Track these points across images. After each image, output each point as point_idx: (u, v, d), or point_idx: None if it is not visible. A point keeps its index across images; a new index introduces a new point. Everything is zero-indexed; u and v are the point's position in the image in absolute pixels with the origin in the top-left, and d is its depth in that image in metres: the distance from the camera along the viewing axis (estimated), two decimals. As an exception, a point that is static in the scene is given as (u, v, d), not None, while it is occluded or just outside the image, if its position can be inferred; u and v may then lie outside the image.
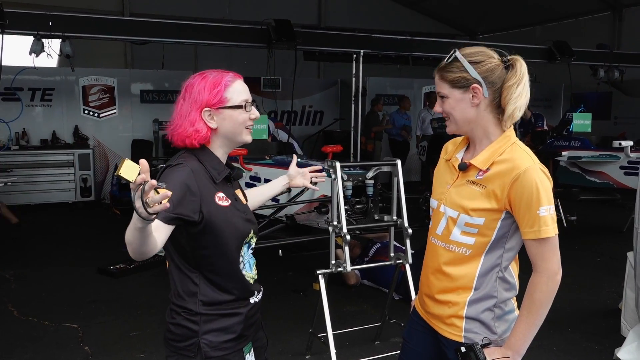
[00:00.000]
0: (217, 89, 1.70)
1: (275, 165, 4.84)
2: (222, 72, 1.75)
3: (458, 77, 1.68)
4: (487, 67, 1.67)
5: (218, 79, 1.72)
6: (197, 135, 1.69)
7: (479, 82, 1.66)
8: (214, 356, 1.71)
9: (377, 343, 3.92)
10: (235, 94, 1.72)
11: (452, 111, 1.71)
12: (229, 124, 1.72)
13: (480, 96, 1.67)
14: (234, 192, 1.82)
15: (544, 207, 1.60)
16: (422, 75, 11.28)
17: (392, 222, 3.54)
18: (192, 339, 1.70)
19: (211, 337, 1.71)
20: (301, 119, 11.26)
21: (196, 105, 1.70)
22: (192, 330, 1.70)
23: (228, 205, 1.72)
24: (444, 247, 1.77)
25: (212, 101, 1.69)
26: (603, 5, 10.96)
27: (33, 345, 3.87)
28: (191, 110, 1.70)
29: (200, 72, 1.75)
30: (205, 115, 1.70)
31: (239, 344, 1.76)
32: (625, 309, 4.01)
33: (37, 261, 5.85)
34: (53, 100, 9.11)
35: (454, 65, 1.69)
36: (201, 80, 1.72)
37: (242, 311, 1.76)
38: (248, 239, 1.79)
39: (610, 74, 8.73)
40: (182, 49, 9.47)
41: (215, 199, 1.69)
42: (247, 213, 1.84)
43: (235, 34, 6.53)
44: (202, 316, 1.70)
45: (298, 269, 5.27)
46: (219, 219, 1.68)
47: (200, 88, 1.70)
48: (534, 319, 1.64)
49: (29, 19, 5.57)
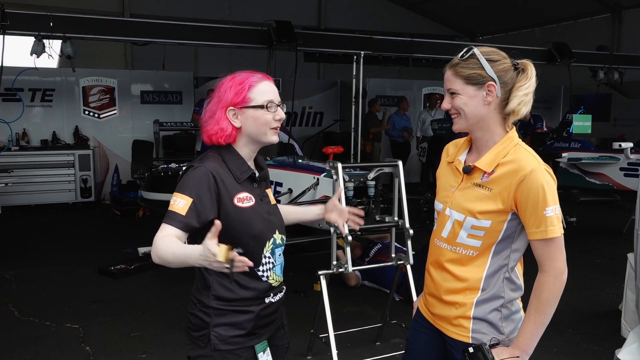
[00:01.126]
0: (242, 89, 1.74)
1: (276, 166, 4.83)
2: (251, 73, 1.79)
3: (474, 74, 1.67)
4: (502, 67, 1.68)
5: (244, 79, 1.76)
6: (222, 134, 1.74)
7: (495, 80, 1.66)
8: (223, 349, 1.75)
9: (378, 344, 3.92)
10: (259, 94, 1.75)
11: (464, 107, 1.69)
12: (252, 123, 1.76)
13: (494, 95, 1.67)
14: (262, 191, 1.85)
15: (550, 207, 1.61)
16: (422, 76, 11.32)
17: (393, 223, 3.54)
18: (204, 330, 1.76)
19: (221, 330, 1.75)
20: (301, 120, 11.27)
21: (222, 104, 1.75)
22: (205, 321, 1.76)
23: (250, 206, 1.75)
24: (449, 249, 1.77)
25: (236, 100, 1.74)
26: (602, 7, 10.98)
27: (34, 345, 3.87)
28: (217, 109, 1.76)
29: (232, 74, 1.80)
30: (229, 114, 1.75)
31: (249, 340, 1.80)
32: (625, 310, 4.02)
33: (37, 262, 5.84)
34: (53, 101, 9.11)
35: (469, 61, 1.68)
36: (230, 80, 1.77)
37: (254, 309, 1.79)
38: (272, 240, 1.82)
39: (610, 75, 8.75)
40: (182, 50, 9.47)
41: (234, 200, 1.73)
42: (272, 214, 1.86)
43: (236, 35, 6.54)
44: (215, 310, 1.76)
45: (299, 270, 5.27)
46: (235, 220, 1.72)
47: (226, 87, 1.76)
48: (542, 318, 1.65)
49: (30, 20, 5.58)
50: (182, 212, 1.65)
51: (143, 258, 5.80)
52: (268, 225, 1.81)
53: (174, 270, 1.83)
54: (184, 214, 1.65)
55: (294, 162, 4.77)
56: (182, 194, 1.67)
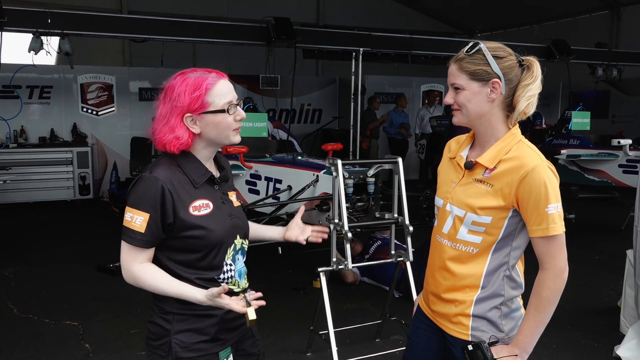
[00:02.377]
0: (198, 93, 1.60)
1: (275, 163, 4.84)
2: (203, 71, 1.65)
3: (479, 70, 1.65)
4: (508, 64, 1.66)
5: (199, 82, 1.61)
6: (177, 142, 1.62)
7: (500, 77, 1.65)
8: (185, 357, 1.65)
9: (377, 340, 3.93)
10: (218, 97, 1.62)
11: (467, 103, 1.68)
12: (212, 129, 1.64)
13: (498, 92, 1.66)
14: (222, 193, 1.74)
15: (552, 204, 1.60)
16: (420, 73, 11.31)
17: (393, 219, 3.54)
18: (165, 338, 1.66)
19: (183, 337, 1.65)
20: (300, 117, 11.24)
21: (177, 111, 1.61)
22: (165, 329, 1.66)
23: (206, 214, 1.65)
24: (450, 246, 1.77)
25: (194, 106, 1.60)
26: (601, 4, 10.97)
27: (33, 343, 3.87)
28: (172, 116, 1.62)
29: (181, 72, 1.66)
30: (187, 121, 1.62)
31: (213, 346, 1.70)
32: (624, 306, 4.02)
33: (36, 259, 5.84)
34: (51, 98, 9.08)
35: (475, 57, 1.66)
36: (182, 82, 1.62)
37: (217, 313, 1.67)
38: (232, 246, 1.72)
39: (609, 72, 8.75)
40: (180, 47, 9.45)
41: (190, 209, 1.62)
42: (235, 216, 1.75)
43: (235, 32, 6.53)
44: (175, 315, 1.66)
45: (298, 267, 5.27)
46: (192, 229, 1.62)
47: (180, 91, 1.61)
48: (542, 316, 1.64)
49: (28, 17, 5.56)
50: (141, 230, 1.58)
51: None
52: (229, 230, 1.70)
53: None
54: (143, 232, 1.59)
55: (293, 159, 4.77)
56: (137, 209, 1.59)
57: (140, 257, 1.62)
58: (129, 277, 1.64)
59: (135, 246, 1.61)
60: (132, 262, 1.62)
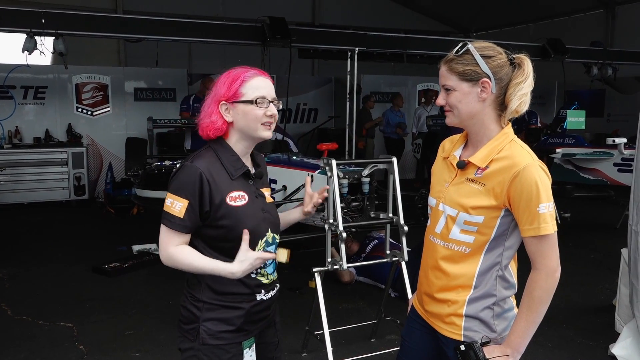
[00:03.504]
0: (235, 84, 1.76)
1: (271, 163, 4.82)
2: (248, 68, 1.81)
3: (468, 70, 1.66)
4: (497, 63, 1.66)
5: (238, 74, 1.78)
6: (213, 127, 1.77)
7: (489, 76, 1.65)
8: (211, 344, 1.77)
9: (373, 340, 3.92)
10: (251, 89, 1.76)
11: (458, 104, 1.69)
12: (242, 118, 1.77)
13: (488, 91, 1.66)
14: (256, 188, 1.86)
15: (543, 204, 1.60)
16: (416, 72, 11.30)
17: (388, 219, 3.54)
18: (194, 324, 1.78)
19: (210, 325, 1.77)
20: (295, 117, 11.24)
21: (215, 99, 1.78)
22: (195, 315, 1.78)
23: (242, 205, 1.77)
24: (443, 246, 1.77)
25: (228, 95, 1.76)
26: (596, 3, 11.00)
27: (27, 344, 3.85)
28: (211, 103, 1.79)
29: (232, 68, 1.82)
30: (222, 108, 1.77)
31: (237, 336, 1.81)
32: (619, 305, 4.03)
33: (30, 260, 5.81)
34: (46, 99, 9.05)
35: (464, 57, 1.67)
36: (226, 75, 1.80)
37: (245, 306, 1.80)
38: (264, 239, 1.84)
39: (604, 71, 8.77)
40: (175, 47, 9.43)
41: (227, 198, 1.74)
42: (267, 211, 1.87)
43: (230, 31, 6.51)
44: (205, 304, 1.78)
45: (293, 267, 5.25)
46: (227, 219, 1.74)
47: (221, 82, 1.79)
48: (534, 316, 1.64)
49: (21, 17, 5.54)
50: (180, 215, 1.70)
51: (137, 256, 5.78)
52: (261, 223, 1.82)
53: (168, 269, 1.84)
54: (182, 217, 1.70)
55: (288, 159, 4.76)
56: (177, 196, 1.71)
57: (177, 240, 1.74)
58: (166, 257, 1.75)
59: (174, 230, 1.72)
60: (169, 244, 1.74)
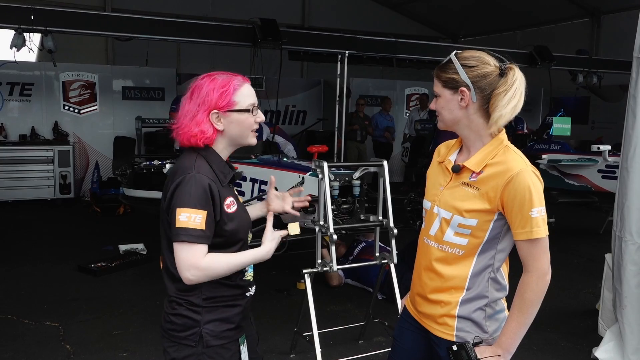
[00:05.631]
0: (226, 92, 1.73)
1: (260, 164, 4.82)
2: (230, 74, 1.78)
3: (449, 78, 1.73)
4: (478, 73, 1.69)
5: (227, 82, 1.75)
6: (202, 136, 1.73)
7: (467, 85, 1.70)
8: (215, 345, 1.77)
9: (361, 342, 3.95)
10: (243, 97, 1.76)
11: (442, 110, 1.77)
12: (236, 127, 1.77)
13: (467, 99, 1.71)
14: (235, 193, 1.88)
15: (535, 208, 1.64)
16: (404, 77, 11.37)
17: (377, 222, 3.56)
18: (194, 329, 1.76)
19: (212, 326, 1.77)
20: (284, 119, 11.24)
21: (204, 107, 1.73)
22: (194, 320, 1.77)
23: (235, 210, 1.78)
24: (437, 248, 1.80)
25: (221, 104, 1.73)
26: (582, 11, 11.16)
27: (13, 344, 3.81)
28: (198, 111, 1.73)
29: (208, 74, 1.79)
30: (212, 117, 1.74)
31: (236, 334, 1.84)
32: (602, 309, 4.10)
33: (15, 259, 5.74)
34: (32, 95, 8.96)
35: (448, 66, 1.74)
36: (210, 82, 1.75)
37: (241, 303, 1.84)
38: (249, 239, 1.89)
39: (589, 79, 8.90)
40: (164, 46, 9.35)
41: (224, 207, 1.75)
42: (245, 212, 1.91)
43: (221, 32, 6.50)
44: (204, 308, 1.77)
45: (281, 269, 5.27)
46: (228, 226, 1.75)
47: (209, 90, 1.73)
48: (525, 318, 1.68)
49: (10, 13, 5.47)
50: (202, 227, 1.67)
51: (124, 256, 5.75)
52: (247, 225, 1.87)
53: (155, 269, 1.84)
54: (204, 228, 1.68)
55: (278, 161, 4.76)
56: (194, 209, 1.67)
57: (203, 253, 1.70)
58: (199, 274, 1.70)
59: (198, 243, 1.68)
60: (198, 260, 1.68)
